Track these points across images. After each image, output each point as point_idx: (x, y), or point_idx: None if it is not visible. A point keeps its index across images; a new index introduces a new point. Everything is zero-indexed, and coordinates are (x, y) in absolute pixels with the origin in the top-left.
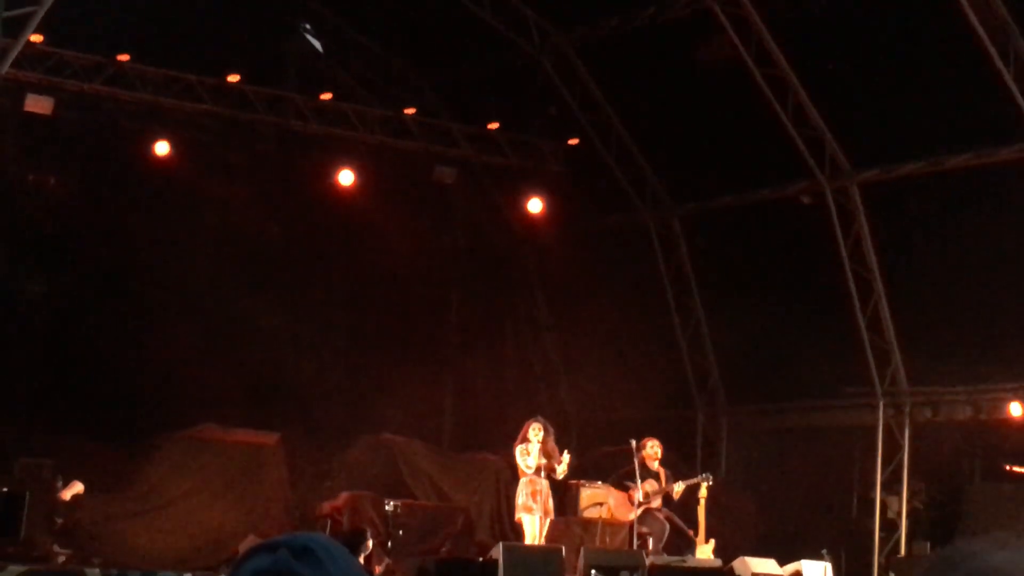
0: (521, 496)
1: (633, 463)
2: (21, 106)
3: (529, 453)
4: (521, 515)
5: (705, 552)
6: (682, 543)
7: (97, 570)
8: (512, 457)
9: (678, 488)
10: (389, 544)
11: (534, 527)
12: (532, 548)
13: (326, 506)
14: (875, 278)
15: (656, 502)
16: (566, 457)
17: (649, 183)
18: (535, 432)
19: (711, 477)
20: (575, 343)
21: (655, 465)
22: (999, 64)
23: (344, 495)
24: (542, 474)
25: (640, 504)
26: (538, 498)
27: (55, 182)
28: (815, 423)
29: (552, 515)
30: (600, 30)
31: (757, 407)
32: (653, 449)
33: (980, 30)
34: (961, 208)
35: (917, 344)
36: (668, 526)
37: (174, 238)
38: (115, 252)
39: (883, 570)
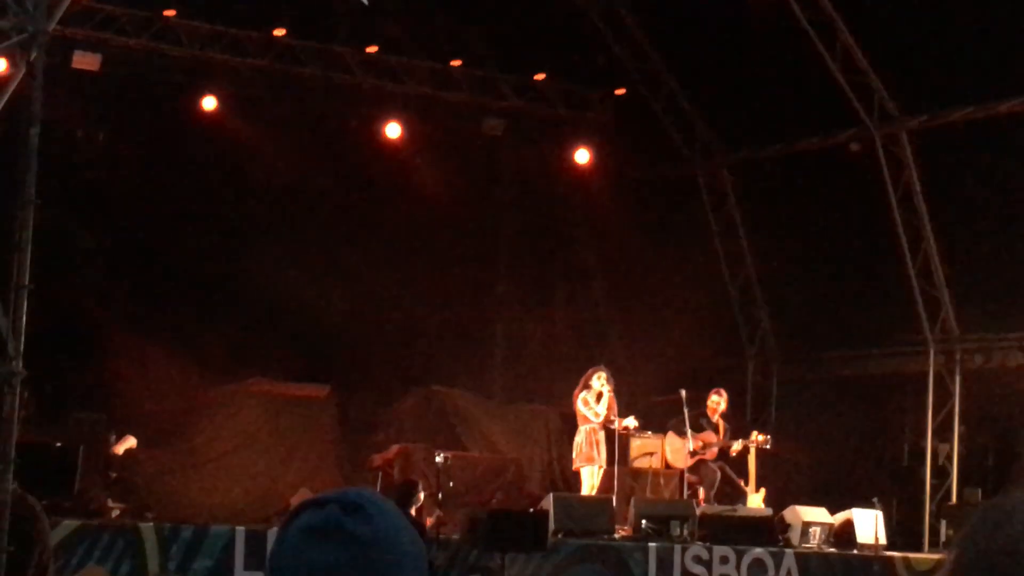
0: (584, 445)
1: (683, 412)
2: (69, 63)
3: (598, 401)
4: (582, 465)
5: (756, 501)
6: (733, 492)
7: (151, 524)
8: (573, 405)
9: (736, 446)
10: (440, 496)
11: (593, 477)
12: (583, 498)
13: (377, 458)
14: (924, 225)
15: (711, 453)
16: (632, 421)
17: (697, 132)
18: (599, 380)
19: (770, 440)
20: (625, 294)
21: (715, 417)
22: None
23: (395, 447)
24: (614, 423)
25: (695, 454)
26: (601, 447)
27: (104, 137)
28: (865, 371)
29: (605, 466)
30: None
31: (807, 356)
32: (716, 401)
33: None
34: (1012, 153)
35: (967, 291)
36: (719, 475)
37: (222, 192)
38: (164, 206)
39: (934, 517)
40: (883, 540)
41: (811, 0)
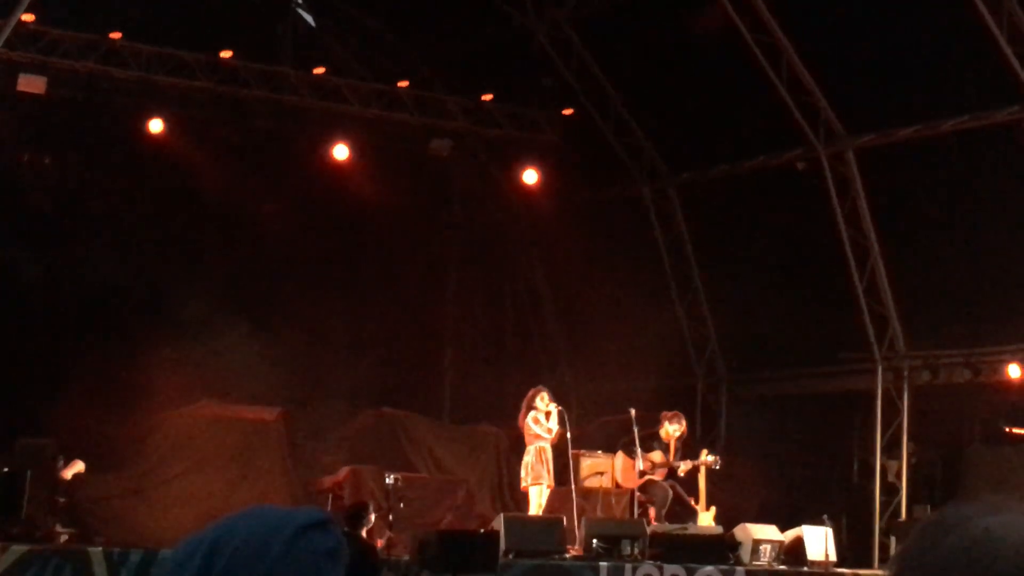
0: (534, 464)
1: (633, 432)
2: (14, 86)
3: (547, 419)
4: (531, 484)
5: (706, 520)
6: (684, 511)
7: (99, 548)
8: (520, 427)
9: (684, 467)
10: (390, 517)
11: (541, 497)
12: (533, 518)
13: (327, 480)
14: (871, 243)
15: (660, 473)
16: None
17: (645, 153)
18: (543, 400)
19: (719, 461)
20: (573, 313)
21: (675, 435)
22: (993, 27)
23: (345, 469)
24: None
25: (643, 474)
26: (550, 466)
27: (50, 162)
28: (814, 389)
29: (553, 485)
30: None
31: (756, 375)
32: (673, 424)
33: None
34: (957, 171)
35: (915, 308)
36: (670, 494)
37: (169, 215)
38: (111, 230)
39: (884, 534)
40: (833, 557)
41: (757, 20)
